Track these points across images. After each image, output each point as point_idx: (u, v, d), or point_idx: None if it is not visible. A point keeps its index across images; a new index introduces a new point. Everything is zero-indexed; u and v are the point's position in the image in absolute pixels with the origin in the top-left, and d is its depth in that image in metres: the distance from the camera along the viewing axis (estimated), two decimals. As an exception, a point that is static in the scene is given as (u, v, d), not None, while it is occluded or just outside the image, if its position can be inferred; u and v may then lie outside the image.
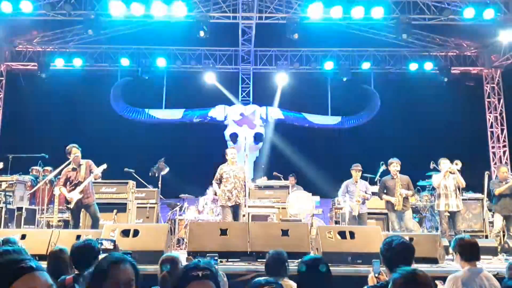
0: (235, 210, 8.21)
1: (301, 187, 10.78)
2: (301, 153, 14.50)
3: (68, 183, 7.85)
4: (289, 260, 6.27)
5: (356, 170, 8.84)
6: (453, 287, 3.96)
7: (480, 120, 14.52)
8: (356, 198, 8.57)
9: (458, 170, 8.37)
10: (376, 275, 3.65)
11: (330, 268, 3.65)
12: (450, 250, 7.91)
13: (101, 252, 3.98)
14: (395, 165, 8.53)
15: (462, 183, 8.38)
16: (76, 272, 3.65)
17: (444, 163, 8.50)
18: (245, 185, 8.37)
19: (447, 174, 8.36)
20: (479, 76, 14.92)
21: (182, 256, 5.81)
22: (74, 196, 7.68)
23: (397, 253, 3.23)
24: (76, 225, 7.83)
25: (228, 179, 8.23)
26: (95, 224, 7.84)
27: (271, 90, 15.13)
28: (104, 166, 7.92)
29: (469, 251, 4.13)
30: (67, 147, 7.91)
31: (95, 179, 7.99)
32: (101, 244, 4.10)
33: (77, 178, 7.79)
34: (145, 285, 3.47)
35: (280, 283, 1.83)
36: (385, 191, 8.58)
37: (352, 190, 8.76)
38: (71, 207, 7.75)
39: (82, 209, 7.98)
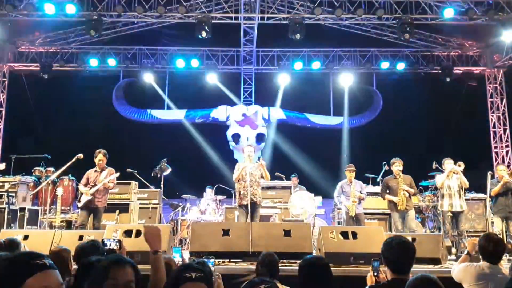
0: (251, 208, 7.85)
1: (304, 187, 10.77)
2: (303, 154, 14.49)
3: (88, 184, 8.04)
4: (290, 261, 6.31)
5: (349, 171, 8.82)
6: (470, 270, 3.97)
7: (483, 120, 14.48)
8: (352, 199, 8.55)
9: (461, 172, 8.33)
10: (375, 274, 3.65)
11: (332, 268, 3.65)
12: (453, 250, 7.94)
13: (105, 252, 3.97)
14: (397, 164, 8.49)
15: (466, 184, 8.32)
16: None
17: (448, 163, 8.45)
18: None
19: (450, 174, 8.32)
20: (482, 76, 14.88)
21: (184, 256, 5.82)
22: (85, 196, 7.85)
23: (398, 253, 3.22)
24: (82, 225, 7.87)
25: (244, 177, 7.99)
26: None
27: (273, 91, 15.13)
28: (117, 174, 8.13)
29: (489, 250, 4.00)
30: (96, 151, 8.11)
31: (109, 188, 8.14)
32: (106, 245, 4.07)
33: (95, 181, 7.97)
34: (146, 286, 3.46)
35: (275, 282, 1.85)
36: (388, 191, 8.55)
37: (347, 191, 8.75)
38: (80, 206, 7.95)
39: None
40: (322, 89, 15.06)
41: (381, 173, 10.04)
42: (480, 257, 4.13)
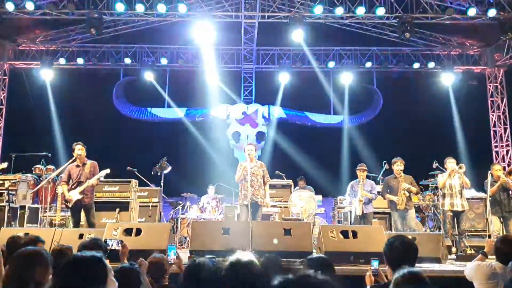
0: (252, 208, 7.70)
1: (311, 188, 10.69)
2: (303, 152, 14.48)
3: (70, 180, 7.76)
4: (290, 259, 6.31)
5: (360, 170, 8.80)
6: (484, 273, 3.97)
7: (483, 119, 14.47)
8: (359, 198, 8.54)
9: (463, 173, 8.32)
10: (374, 273, 3.65)
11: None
12: (453, 249, 7.94)
13: (108, 251, 3.96)
14: (398, 164, 8.48)
15: (467, 184, 8.31)
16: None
17: (450, 162, 8.45)
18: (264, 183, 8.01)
19: (452, 173, 8.32)
20: (482, 75, 14.88)
21: (184, 255, 5.82)
22: (74, 195, 7.59)
23: (400, 252, 3.22)
24: (76, 224, 7.78)
25: (246, 176, 7.81)
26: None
27: (273, 89, 15.13)
28: (107, 170, 7.85)
29: (503, 249, 3.97)
30: (73, 144, 7.84)
31: (93, 185, 7.87)
32: (108, 245, 4.07)
33: (79, 177, 7.69)
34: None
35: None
36: (388, 191, 8.55)
37: (357, 190, 8.73)
38: (70, 206, 7.71)
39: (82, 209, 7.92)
40: (322, 88, 15.05)
41: (381, 172, 10.04)
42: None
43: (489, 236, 8.82)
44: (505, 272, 3.89)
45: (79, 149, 7.74)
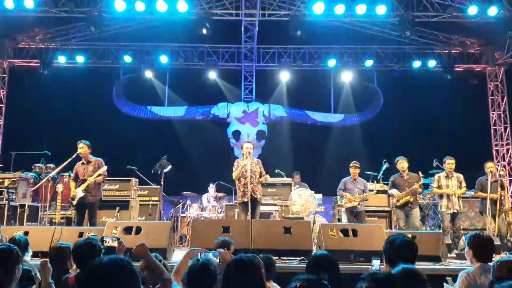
0: (252, 205, 7.80)
1: (306, 185, 10.72)
2: (304, 151, 14.47)
3: (77, 178, 7.90)
4: (291, 258, 6.31)
5: (353, 167, 8.84)
6: (467, 284, 3.89)
7: (484, 118, 14.46)
8: (357, 202, 8.60)
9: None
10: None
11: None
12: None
13: (103, 250, 3.93)
14: (401, 162, 8.54)
15: (464, 189, 8.45)
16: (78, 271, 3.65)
17: (449, 163, 8.50)
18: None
19: (451, 174, 8.42)
20: (483, 73, 14.85)
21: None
22: (78, 193, 7.68)
23: (400, 251, 3.22)
24: (80, 222, 7.83)
25: (244, 174, 7.96)
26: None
27: (273, 88, 15.10)
28: (105, 168, 7.88)
29: (484, 248, 3.97)
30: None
31: (100, 181, 7.93)
32: (105, 241, 4.04)
33: (84, 174, 7.80)
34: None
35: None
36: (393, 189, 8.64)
37: (350, 188, 8.77)
38: (74, 203, 7.79)
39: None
40: (322, 86, 15.02)
41: (382, 171, 10.04)
42: (472, 256, 4.07)
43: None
44: (486, 267, 3.83)
45: (80, 147, 7.88)
